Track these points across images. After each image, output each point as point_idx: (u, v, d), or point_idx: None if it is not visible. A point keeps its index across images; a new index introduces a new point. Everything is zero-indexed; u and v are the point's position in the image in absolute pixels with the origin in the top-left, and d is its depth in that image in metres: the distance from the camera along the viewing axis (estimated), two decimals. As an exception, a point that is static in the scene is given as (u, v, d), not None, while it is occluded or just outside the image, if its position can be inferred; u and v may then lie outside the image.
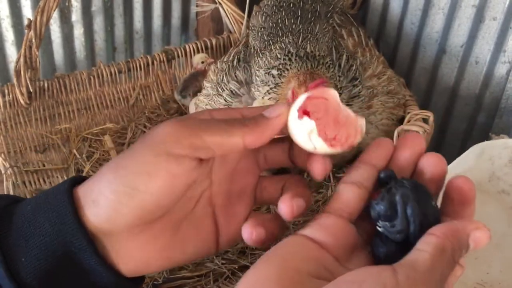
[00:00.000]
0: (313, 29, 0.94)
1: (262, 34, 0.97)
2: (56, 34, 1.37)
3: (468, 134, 1.09)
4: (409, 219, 0.47)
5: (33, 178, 0.98)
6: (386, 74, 0.96)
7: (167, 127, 0.52)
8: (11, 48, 1.34)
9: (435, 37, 1.07)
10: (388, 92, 0.94)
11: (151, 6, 1.46)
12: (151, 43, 1.52)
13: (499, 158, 0.79)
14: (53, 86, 1.12)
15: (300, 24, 0.95)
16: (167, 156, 0.50)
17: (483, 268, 0.77)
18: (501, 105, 1.01)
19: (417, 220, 0.47)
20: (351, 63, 0.91)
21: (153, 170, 0.50)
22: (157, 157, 0.50)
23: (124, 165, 0.51)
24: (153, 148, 0.51)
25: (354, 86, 0.90)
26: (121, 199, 0.50)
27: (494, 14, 0.96)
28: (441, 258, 0.45)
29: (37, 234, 0.50)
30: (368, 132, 0.93)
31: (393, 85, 0.96)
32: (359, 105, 0.90)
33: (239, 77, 0.94)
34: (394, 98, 0.95)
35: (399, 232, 0.48)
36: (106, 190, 0.50)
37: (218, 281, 0.82)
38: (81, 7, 1.36)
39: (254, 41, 0.98)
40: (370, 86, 0.92)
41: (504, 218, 0.80)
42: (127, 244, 0.52)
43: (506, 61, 0.98)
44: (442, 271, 0.46)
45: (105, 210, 0.50)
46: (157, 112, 1.16)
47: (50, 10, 1.01)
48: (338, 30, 0.98)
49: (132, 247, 0.52)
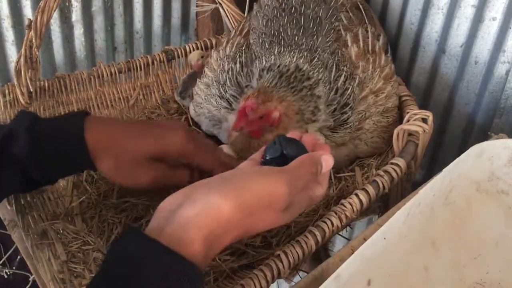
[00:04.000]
0: (314, 43, 0.94)
1: (263, 41, 0.97)
2: (56, 34, 1.37)
3: (468, 134, 1.09)
4: (283, 147, 0.73)
5: (33, 178, 0.98)
6: (384, 92, 0.94)
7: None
8: (12, 48, 1.34)
9: (435, 37, 1.07)
10: (384, 111, 0.94)
11: (151, 6, 1.46)
12: (151, 43, 1.52)
13: (499, 158, 0.80)
14: (54, 86, 1.12)
15: (303, 37, 0.95)
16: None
17: (483, 268, 0.78)
18: (500, 105, 1.01)
19: (289, 149, 0.73)
20: (347, 86, 0.91)
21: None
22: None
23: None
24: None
25: (343, 113, 0.90)
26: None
27: (494, 14, 0.96)
28: (300, 167, 0.70)
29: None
30: (357, 147, 0.94)
31: (391, 102, 0.96)
32: (346, 131, 0.91)
33: (241, 84, 0.95)
34: (389, 118, 0.95)
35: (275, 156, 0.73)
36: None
37: (218, 280, 0.83)
38: (81, 7, 1.36)
39: (255, 46, 0.98)
40: (363, 110, 0.92)
41: (503, 218, 0.80)
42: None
43: (505, 61, 0.98)
44: (300, 174, 0.70)
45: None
46: (157, 112, 1.16)
47: (50, 10, 1.02)
48: (343, 34, 0.96)
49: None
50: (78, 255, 0.86)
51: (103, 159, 0.81)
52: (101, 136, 0.81)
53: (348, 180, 0.95)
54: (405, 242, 0.76)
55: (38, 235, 0.88)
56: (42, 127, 0.82)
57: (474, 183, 0.81)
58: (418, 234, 0.77)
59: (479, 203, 0.80)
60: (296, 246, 0.76)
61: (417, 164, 0.91)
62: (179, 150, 0.82)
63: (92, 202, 0.95)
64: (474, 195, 0.81)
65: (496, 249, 0.78)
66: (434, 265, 0.78)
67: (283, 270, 0.74)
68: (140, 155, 0.81)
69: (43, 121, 0.84)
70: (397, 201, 0.92)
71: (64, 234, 0.89)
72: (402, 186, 0.92)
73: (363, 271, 0.71)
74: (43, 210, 0.93)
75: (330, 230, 0.79)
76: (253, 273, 0.73)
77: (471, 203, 0.80)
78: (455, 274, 0.78)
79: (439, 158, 1.16)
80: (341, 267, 0.68)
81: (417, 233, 0.77)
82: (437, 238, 0.78)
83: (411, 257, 0.77)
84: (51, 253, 0.85)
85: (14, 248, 1.76)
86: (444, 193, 0.79)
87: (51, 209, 0.94)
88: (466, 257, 0.79)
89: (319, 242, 0.78)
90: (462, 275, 0.78)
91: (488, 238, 0.79)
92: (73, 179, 0.99)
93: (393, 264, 0.75)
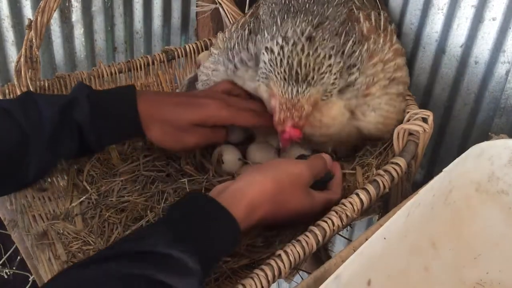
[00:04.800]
0: (325, 12, 0.92)
1: (272, 10, 0.96)
2: (56, 34, 1.37)
3: (468, 134, 1.09)
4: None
5: (33, 178, 0.98)
6: (393, 61, 0.94)
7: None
8: (12, 48, 1.34)
9: (435, 37, 1.07)
10: (392, 79, 0.93)
11: (151, 6, 1.46)
12: (151, 43, 1.52)
13: (499, 158, 0.80)
14: (54, 86, 1.12)
15: (314, 5, 0.94)
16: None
17: (483, 268, 0.78)
18: (500, 105, 1.01)
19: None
20: (354, 49, 0.89)
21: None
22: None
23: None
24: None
25: (351, 74, 0.89)
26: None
27: (494, 14, 0.96)
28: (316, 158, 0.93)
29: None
30: (364, 114, 0.93)
31: (400, 73, 0.95)
32: (354, 94, 0.90)
33: (251, 50, 0.94)
34: (399, 86, 0.94)
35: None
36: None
37: (218, 280, 0.83)
38: (81, 7, 1.36)
39: (264, 16, 0.97)
40: (372, 73, 0.91)
41: (503, 218, 0.80)
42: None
43: (505, 61, 0.98)
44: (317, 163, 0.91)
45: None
46: (157, 112, 1.16)
47: (50, 10, 1.02)
48: (356, 13, 0.96)
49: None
50: (79, 255, 0.86)
51: (152, 128, 0.95)
52: (151, 109, 0.94)
53: (348, 180, 0.95)
54: (405, 242, 0.76)
55: (38, 235, 0.88)
56: (100, 98, 0.94)
57: (474, 183, 0.81)
58: (418, 234, 0.77)
59: (479, 203, 0.80)
60: (297, 246, 0.76)
61: (417, 164, 0.91)
62: (216, 117, 0.97)
63: (92, 202, 0.95)
64: (474, 195, 0.81)
65: (496, 249, 0.78)
66: (434, 265, 0.78)
67: (284, 269, 0.74)
68: (184, 124, 0.95)
69: (99, 92, 0.97)
70: (398, 200, 0.93)
71: (65, 234, 0.89)
72: (402, 185, 0.92)
73: (363, 271, 0.71)
74: (43, 210, 0.93)
75: (331, 230, 0.79)
76: (254, 272, 0.73)
77: (471, 203, 0.80)
78: (455, 274, 0.78)
79: (439, 158, 1.16)
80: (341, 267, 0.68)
81: (417, 233, 0.77)
82: (437, 238, 0.78)
83: (411, 257, 0.77)
84: (52, 253, 0.85)
85: (14, 248, 1.76)
86: (444, 193, 0.79)
87: (51, 209, 0.94)
88: (466, 257, 0.79)
89: (320, 241, 0.78)
90: (462, 275, 0.78)
91: (488, 238, 0.79)
92: (73, 179, 0.99)
93: (393, 264, 0.75)
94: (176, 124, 0.95)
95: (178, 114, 0.95)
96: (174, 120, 0.95)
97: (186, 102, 0.97)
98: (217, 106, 0.96)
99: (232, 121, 0.98)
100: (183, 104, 0.96)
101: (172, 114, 0.95)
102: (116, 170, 1.01)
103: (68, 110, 0.90)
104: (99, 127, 0.92)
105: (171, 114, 0.95)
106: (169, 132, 0.95)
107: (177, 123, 0.95)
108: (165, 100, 0.97)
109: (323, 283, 0.67)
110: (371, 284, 0.72)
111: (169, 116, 0.95)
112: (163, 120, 0.95)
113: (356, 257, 0.69)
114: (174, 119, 0.95)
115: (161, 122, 0.94)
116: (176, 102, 0.96)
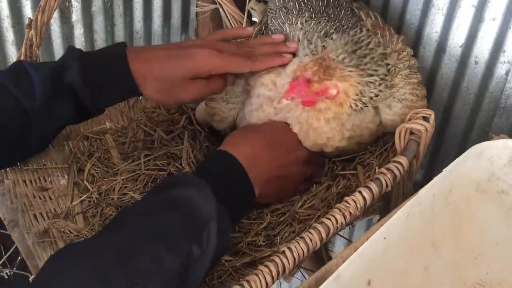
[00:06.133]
0: (339, 14, 0.96)
1: (284, 13, 0.98)
2: (56, 34, 1.37)
3: (468, 134, 1.09)
4: None
5: (33, 177, 0.99)
6: (405, 51, 0.96)
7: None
8: (11, 48, 1.34)
9: (435, 37, 1.07)
10: (410, 67, 0.94)
11: (151, 6, 1.46)
12: (151, 43, 1.52)
13: (499, 158, 0.80)
14: (54, 85, 1.12)
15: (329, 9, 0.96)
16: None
17: (483, 268, 0.78)
18: (500, 105, 1.01)
19: None
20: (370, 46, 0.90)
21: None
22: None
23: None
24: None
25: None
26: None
27: (494, 14, 0.96)
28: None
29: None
30: (390, 106, 0.93)
31: (414, 60, 0.96)
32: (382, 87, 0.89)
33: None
34: (418, 74, 0.95)
35: None
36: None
37: (221, 278, 0.83)
38: (81, 7, 1.36)
39: (274, 20, 0.99)
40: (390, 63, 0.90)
41: (503, 218, 0.80)
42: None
43: (505, 61, 0.98)
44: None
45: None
46: (157, 111, 1.16)
47: (51, 10, 1.02)
48: (357, 12, 1.00)
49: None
50: (79, 254, 0.86)
51: (146, 86, 0.93)
52: (143, 67, 0.92)
53: (350, 179, 0.95)
54: (405, 242, 0.76)
55: (39, 233, 0.88)
56: (90, 58, 0.93)
57: (474, 183, 0.81)
58: (418, 234, 0.77)
59: (479, 203, 0.81)
60: (301, 242, 0.76)
61: (418, 163, 0.91)
62: (208, 67, 0.93)
63: (93, 201, 0.95)
64: (474, 195, 0.81)
65: (496, 249, 0.78)
66: (434, 265, 0.78)
67: (288, 266, 0.74)
68: (178, 80, 0.93)
69: (90, 54, 0.96)
70: (399, 199, 0.93)
71: (66, 232, 0.89)
72: (404, 184, 0.92)
73: (363, 271, 0.71)
74: (44, 209, 0.93)
75: (334, 227, 0.79)
76: (259, 269, 0.73)
77: (471, 203, 0.81)
78: (455, 274, 0.78)
79: (439, 158, 1.16)
80: (341, 267, 0.68)
81: (417, 233, 0.77)
82: (437, 238, 0.79)
83: (411, 257, 0.77)
84: (53, 251, 0.85)
85: (14, 248, 1.76)
86: (444, 193, 0.79)
87: (52, 208, 0.94)
88: (466, 257, 0.79)
89: (324, 238, 0.78)
90: (462, 275, 0.78)
91: (488, 238, 0.79)
92: (74, 178, 0.99)
93: (393, 264, 0.75)
94: (170, 81, 0.93)
95: (170, 70, 0.93)
96: (168, 78, 0.93)
97: (176, 55, 0.94)
98: (207, 54, 0.93)
99: (226, 68, 0.94)
100: (173, 57, 0.93)
101: (164, 71, 0.93)
102: (117, 169, 1.02)
103: (59, 73, 0.91)
104: (93, 88, 0.92)
105: (163, 71, 0.93)
106: (164, 89, 0.93)
107: (171, 80, 0.93)
108: (155, 56, 0.94)
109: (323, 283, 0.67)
110: (371, 284, 0.72)
111: (162, 74, 0.93)
112: (156, 78, 0.93)
113: (356, 257, 0.69)
114: (167, 76, 0.93)
115: (155, 79, 0.93)
116: (166, 55, 0.94)
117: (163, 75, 0.93)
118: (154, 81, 0.93)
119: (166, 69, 0.93)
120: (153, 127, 1.10)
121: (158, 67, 0.93)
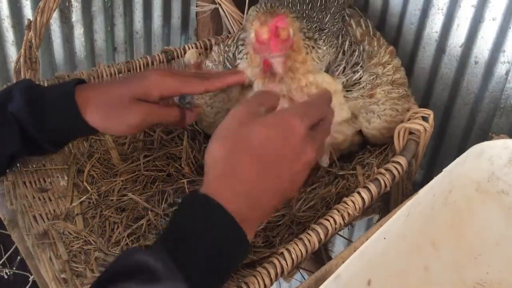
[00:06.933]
0: (324, 18, 0.96)
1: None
2: (56, 34, 1.37)
3: (468, 134, 1.09)
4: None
5: (33, 178, 0.98)
6: (391, 64, 0.96)
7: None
8: (11, 48, 1.34)
9: (435, 37, 1.07)
10: (392, 82, 0.95)
11: (151, 6, 1.46)
12: (151, 43, 1.52)
13: (499, 158, 0.80)
14: (54, 86, 1.12)
15: (313, 12, 0.97)
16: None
17: (483, 268, 0.78)
18: (500, 105, 1.01)
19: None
20: (353, 48, 0.93)
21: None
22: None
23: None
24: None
25: (355, 72, 0.92)
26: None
27: (494, 14, 0.96)
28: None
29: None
30: (370, 121, 0.94)
31: (399, 75, 0.97)
32: (360, 92, 0.92)
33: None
34: (400, 89, 0.95)
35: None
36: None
37: None
38: (81, 7, 1.36)
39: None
40: (374, 72, 0.93)
41: (503, 218, 0.80)
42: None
43: (505, 61, 0.98)
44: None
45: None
46: (157, 112, 1.16)
47: (50, 11, 1.02)
48: (348, 19, 1.01)
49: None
50: (80, 255, 0.86)
51: (90, 111, 0.86)
52: (88, 92, 0.87)
53: (349, 179, 0.95)
54: (405, 242, 0.76)
55: (39, 235, 0.88)
56: (37, 90, 0.88)
57: (474, 183, 0.81)
58: (418, 234, 0.77)
59: (479, 203, 0.81)
60: (299, 244, 0.76)
61: (418, 163, 0.91)
62: (160, 86, 0.87)
63: (93, 202, 0.95)
64: (474, 195, 0.81)
65: (496, 249, 0.78)
66: (434, 265, 0.78)
67: (287, 267, 0.74)
68: (125, 97, 0.86)
69: (39, 86, 0.92)
70: (398, 199, 0.93)
71: (65, 234, 0.89)
72: (403, 184, 0.92)
73: (363, 271, 0.71)
74: (44, 210, 0.93)
75: (333, 228, 0.79)
76: (257, 271, 0.73)
77: (471, 203, 0.81)
78: (455, 274, 0.78)
79: (439, 158, 1.16)
80: (341, 267, 0.68)
81: (417, 233, 0.77)
82: (437, 238, 0.79)
83: (411, 257, 0.77)
84: (53, 252, 0.85)
85: (14, 248, 1.76)
86: (444, 193, 0.79)
87: (51, 209, 0.94)
88: (466, 257, 0.79)
89: (322, 239, 0.78)
90: (462, 275, 0.78)
91: (488, 238, 0.79)
92: (74, 179, 0.99)
93: (393, 264, 0.75)
94: (115, 102, 0.86)
95: (117, 89, 0.87)
96: (113, 97, 0.86)
97: (127, 79, 0.91)
98: (160, 74, 0.88)
99: (179, 89, 0.89)
100: (123, 80, 0.90)
101: (110, 91, 0.87)
102: (117, 170, 1.02)
103: (3, 103, 0.86)
104: (38, 121, 0.85)
105: (109, 91, 0.87)
106: (109, 113, 0.86)
107: (116, 101, 0.86)
108: (106, 83, 0.91)
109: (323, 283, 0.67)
110: (371, 284, 0.72)
111: (107, 94, 0.87)
112: (101, 100, 0.86)
113: (356, 257, 0.69)
114: (112, 95, 0.86)
115: (99, 103, 0.86)
116: (116, 81, 0.91)
117: (108, 96, 0.86)
118: (99, 105, 0.86)
119: (112, 89, 0.87)
120: (152, 128, 1.10)
121: (104, 89, 0.88)
